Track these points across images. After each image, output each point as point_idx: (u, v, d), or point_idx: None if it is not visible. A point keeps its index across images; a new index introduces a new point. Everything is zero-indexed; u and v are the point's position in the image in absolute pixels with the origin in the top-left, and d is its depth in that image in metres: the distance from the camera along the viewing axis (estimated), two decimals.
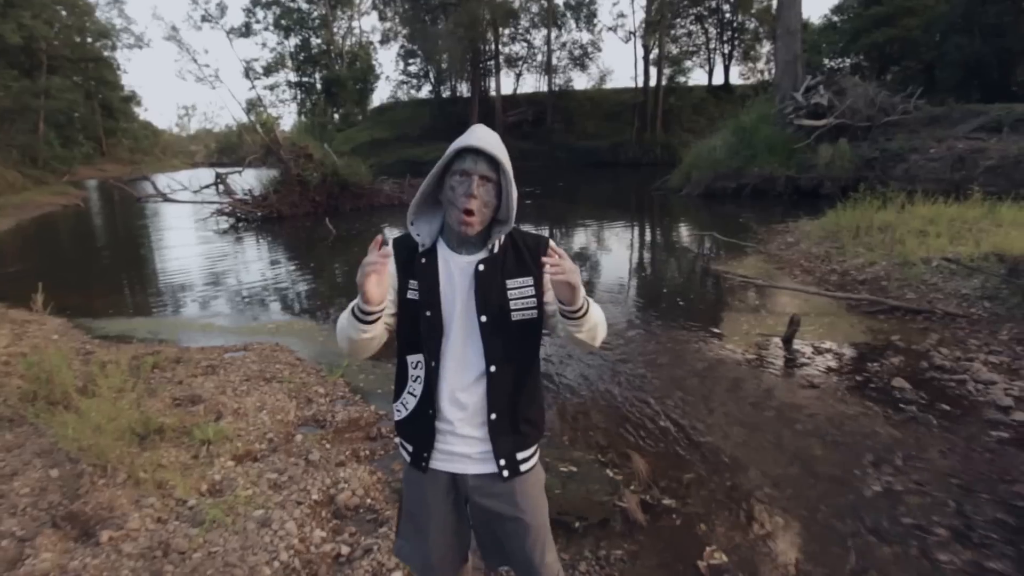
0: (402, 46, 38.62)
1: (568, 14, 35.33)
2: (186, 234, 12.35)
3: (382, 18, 38.94)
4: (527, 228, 1.42)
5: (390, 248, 1.25)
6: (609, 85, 36.76)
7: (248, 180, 15.70)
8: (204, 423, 3.14)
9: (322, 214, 13.00)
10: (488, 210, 1.27)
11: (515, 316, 1.29)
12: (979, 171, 10.43)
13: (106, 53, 40.97)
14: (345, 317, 1.26)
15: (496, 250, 1.31)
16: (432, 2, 33.86)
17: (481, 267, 1.29)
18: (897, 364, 4.04)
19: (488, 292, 1.28)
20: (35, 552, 2.12)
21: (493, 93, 35.40)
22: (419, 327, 1.30)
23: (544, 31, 34.76)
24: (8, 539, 2.19)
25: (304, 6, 41.97)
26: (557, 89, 34.64)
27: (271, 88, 44.14)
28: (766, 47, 33.52)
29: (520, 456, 1.35)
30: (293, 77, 43.90)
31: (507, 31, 35.60)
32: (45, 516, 2.34)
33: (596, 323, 1.27)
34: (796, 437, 3.17)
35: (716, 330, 5.03)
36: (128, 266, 9.46)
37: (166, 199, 17.94)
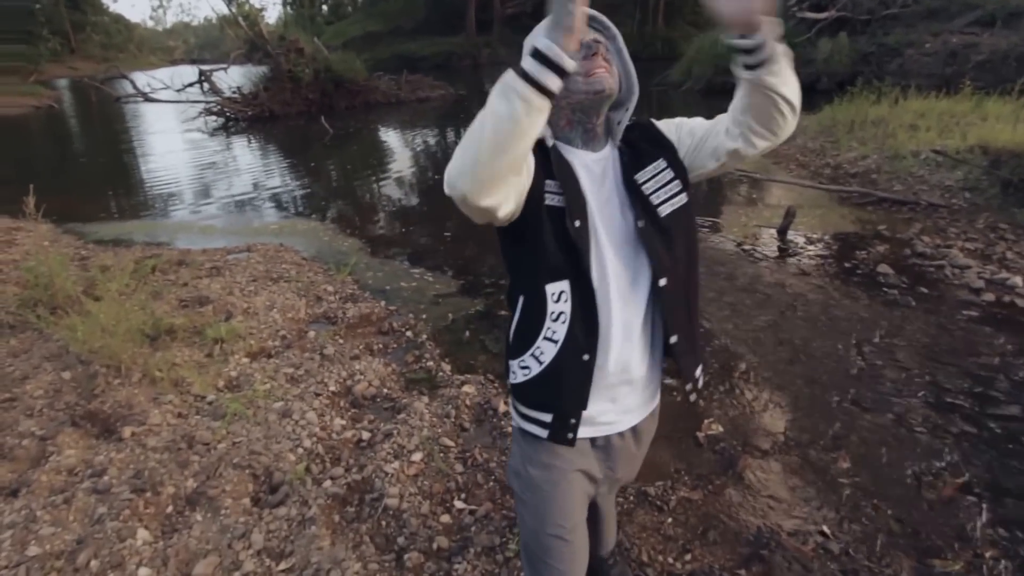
0: None
1: None
2: (173, 136, 11.34)
3: None
4: None
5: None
6: None
7: (234, 78, 14.40)
8: (215, 323, 2.97)
9: (316, 113, 11.99)
10: (614, 72, 0.96)
11: (664, 210, 0.96)
12: (970, 66, 9.81)
13: None
14: (502, 90, 0.73)
15: (618, 142, 1.01)
16: None
17: (624, 159, 0.98)
18: (882, 252, 4.04)
19: (632, 191, 0.97)
20: (58, 449, 2.02)
21: None
22: (565, 244, 0.91)
23: None
24: (29, 439, 2.08)
25: None
26: None
27: None
28: None
29: (699, 372, 1.08)
30: None
31: None
32: (63, 416, 2.22)
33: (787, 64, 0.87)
34: (788, 321, 3.18)
35: (714, 221, 4.88)
36: (114, 170, 8.72)
37: (147, 99, 16.36)
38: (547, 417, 0.99)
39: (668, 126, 1.05)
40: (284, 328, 3.08)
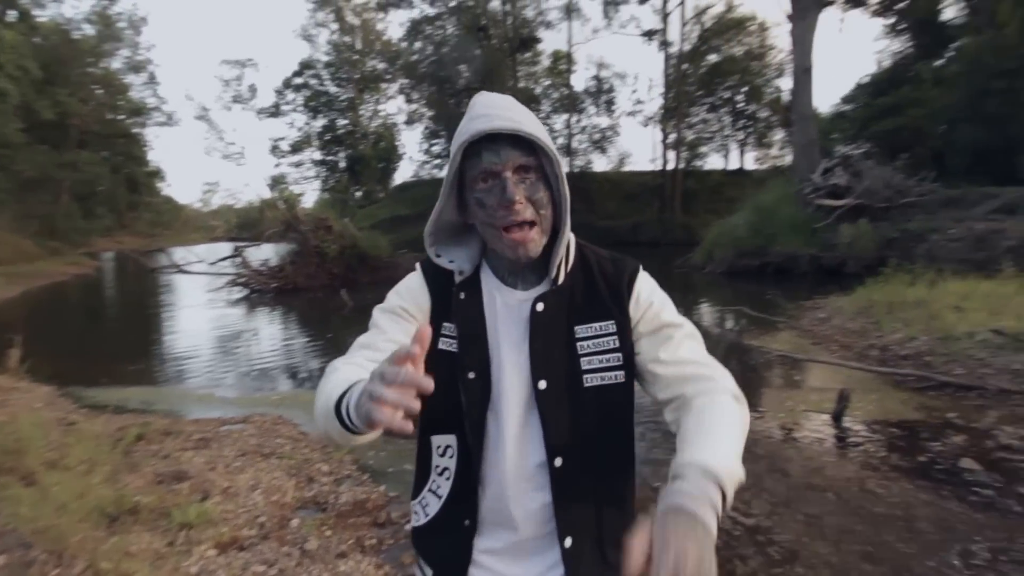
0: (426, 127, 40.06)
1: (587, 100, 36.24)
2: (197, 305, 12.12)
3: (408, 100, 39.69)
4: None
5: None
6: (629, 167, 37.14)
7: (266, 253, 15.78)
8: (187, 504, 2.73)
9: (338, 286, 12.81)
10: (546, 211, 0.84)
11: (589, 380, 0.86)
12: (1000, 251, 10.32)
13: (135, 130, 41.37)
14: (327, 407, 0.72)
15: (561, 280, 0.88)
16: (457, 86, 35.46)
17: (540, 306, 0.86)
18: (961, 443, 3.76)
19: (549, 345, 0.85)
20: None
21: None
22: (454, 395, 0.86)
23: (565, 116, 35.86)
24: None
25: (333, 90, 43.55)
26: (577, 171, 35.20)
27: (296, 165, 45.10)
28: (779, 134, 33.94)
29: None
30: (318, 155, 44.98)
31: None
32: None
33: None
34: (860, 522, 2.80)
35: (754, 406, 4.65)
36: (132, 335, 9.27)
37: (180, 270, 17.93)
38: (430, 571, 0.93)
39: (642, 293, 0.89)
40: (265, 514, 2.81)
